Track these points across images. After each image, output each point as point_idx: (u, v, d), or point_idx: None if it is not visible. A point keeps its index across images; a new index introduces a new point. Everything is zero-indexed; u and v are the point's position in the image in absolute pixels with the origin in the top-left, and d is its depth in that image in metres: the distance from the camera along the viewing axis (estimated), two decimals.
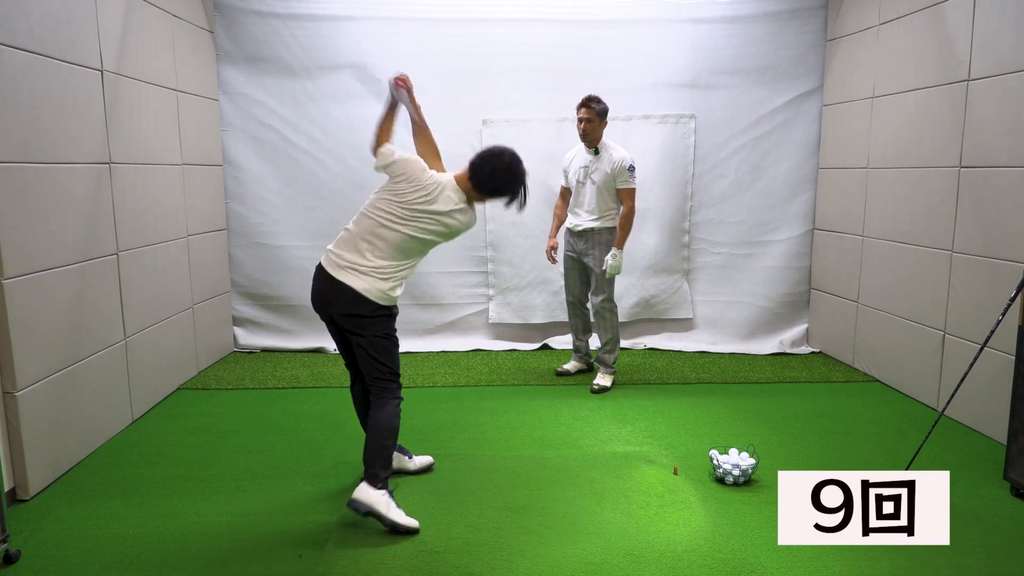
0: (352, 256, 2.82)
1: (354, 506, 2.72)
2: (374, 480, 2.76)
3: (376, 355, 2.86)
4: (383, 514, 2.72)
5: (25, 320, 3.01)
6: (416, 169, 2.85)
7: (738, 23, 5.30)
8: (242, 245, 5.38)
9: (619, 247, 4.32)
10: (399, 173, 2.85)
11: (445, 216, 2.84)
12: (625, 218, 4.31)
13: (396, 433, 2.90)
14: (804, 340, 5.60)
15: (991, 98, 3.73)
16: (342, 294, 2.80)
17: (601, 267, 4.37)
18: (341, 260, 2.83)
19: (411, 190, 2.82)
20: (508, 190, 2.88)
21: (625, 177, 4.28)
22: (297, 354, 5.35)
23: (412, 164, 2.86)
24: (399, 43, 5.22)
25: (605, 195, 4.33)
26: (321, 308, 2.91)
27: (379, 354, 2.86)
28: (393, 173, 2.87)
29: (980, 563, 2.59)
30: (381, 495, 2.74)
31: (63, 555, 2.62)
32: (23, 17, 3.01)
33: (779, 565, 2.57)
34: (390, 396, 2.90)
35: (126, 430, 3.83)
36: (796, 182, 5.47)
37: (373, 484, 2.75)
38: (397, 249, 2.83)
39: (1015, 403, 3.08)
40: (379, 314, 2.83)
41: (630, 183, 4.30)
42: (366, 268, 2.80)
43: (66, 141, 3.31)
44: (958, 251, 3.99)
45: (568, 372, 4.83)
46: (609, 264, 4.31)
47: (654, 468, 3.36)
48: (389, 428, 2.86)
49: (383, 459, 2.81)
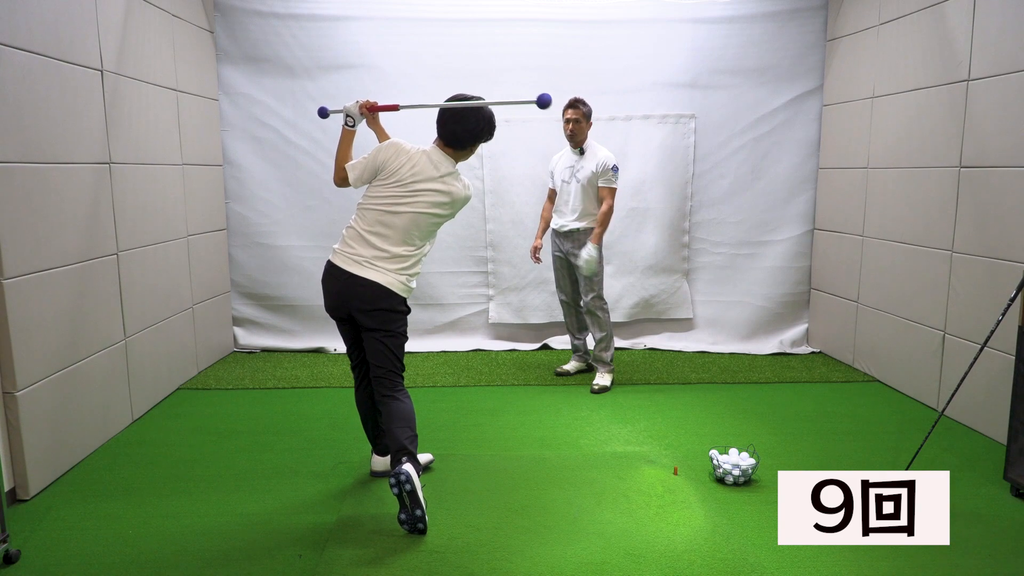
0: (367, 251, 2.83)
1: (400, 476, 2.60)
2: (416, 462, 2.75)
3: (394, 350, 2.89)
4: (421, 498, 2.66)
5: (25, 320, 3.01)
6: (390, 147, 2.87)
7: (738, 23, 5.30)
8: (242, 245, 5.38)
9: (595, 242, 4.34)
10: (379, 164, 2.85)
11: (439, 182, 2.84)
12: (604, 215, 4.35)
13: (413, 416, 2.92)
14: (804, 340, 5.60)
15: (991, 98, 3.73)
16: (365, 290, 2.80)
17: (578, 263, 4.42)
18: (358, 256, 2.82)
19: (399, 165, 2.83)
20: (474, 125, 2.87)
21: (608, 176, 4.33)
22: (297, 354, 5.35)
23: (385, 148, 2.87)
24: (399, 43, 5.22)
25: (590, 194, 4.38)
26: (339, 307, 2.89)
27: (396, 349, 2.90)
28: (375, 171, 2.87)
29: (980, 563, 2.59)
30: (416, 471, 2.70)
31: (63, 555, 2.62)
32: (23, 17, 3.01)
33: (779, 565, 2.57)
34: (397, 387, 2.92)
35: (126, 430, 3.83)
36: (796, 182, 5.47)
37: (416, 466, 2.72)
38: (407, 232, 2.84)
39: (1015, 403, 3.08)
40: (401, 308, 2.88)
41: (612, 183, 4.34)
42: (383, 261, 2.81)
43: (66, 141, 3.31)
44: (958, 251, 3.99)
45: (568, 372, 4.84)
46: (583, 259, 4.33)
47: (654, 468, 3.36)
48: (407, 415, 2.87)
49: (413, 443, 2.81)
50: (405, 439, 2.79)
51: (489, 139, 2.98)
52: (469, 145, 2.93)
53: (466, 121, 2.87)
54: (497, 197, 5.43)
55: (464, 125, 2.87)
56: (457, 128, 2.87)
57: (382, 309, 2.82)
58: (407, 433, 2.81)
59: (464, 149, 2.94)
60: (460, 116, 2.87)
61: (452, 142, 2.90)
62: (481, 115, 2.89)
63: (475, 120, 2.87)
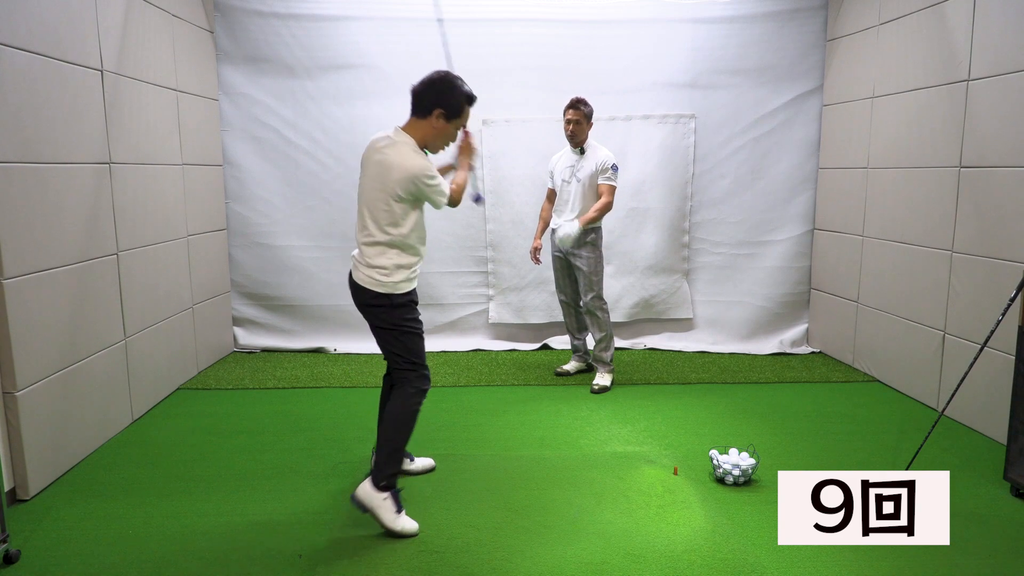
0: (355, 250, 2.89)
1: (354, 502, 2.73)
2: (376, 477, 2.75)
3: (384, 344, 2.88)
4: (379, 517, 2.72)
5: (25, 320, 3.01)
6: None
7: (738, 23, 5.30)
8: (242, 245, 5.38)
9: (583, 224, 4.32)
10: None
11: (377, 152, 2.76)
12: (601, 207, 4.34)
13: (404, 425, 2.84)
14: (804, 340, 5.60)
15: (991, 98, 3.73)
16: (353, 289, 2.88)
17: (588, 268, 4.42)
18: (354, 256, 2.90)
19: None
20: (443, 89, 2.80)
21: (608, 174, 4.35)
22: (297, 354, 5.35)
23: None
24: (399, 43, 5.22)
25: (591, 194, 4.38)
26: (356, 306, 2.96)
27: (386, 343, 2.88)
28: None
29: (980, 563, 2.59)
30: (382, 498, 2.73)
31: (63, 555, 2.62)
32: (23, 17, 3.01)
33: (779, 565, 2.57)
34: (407, 385, 2.87)
35: (126, 430, 3.83)
36: (796, 182, 5.47)
37: (375, 483, 2.74)
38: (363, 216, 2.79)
39: (1015, 403, 3.08)
40: (377, 303, 2.81)
41: (612, 180, 4.36)
42: (358, 258, 2.84)
43: (66, 141, 3.31)
44: (958, 251, 3.99)
45: (568, 372, 4.84)
46: (563, 232, 4.33)
47: (654, 468, 3.36)
48: (395, 418, 2.81)
49: (386, 453, 2.78)
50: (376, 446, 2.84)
51: (426, 98, 2.80)
52: (416, 103, 2.82)
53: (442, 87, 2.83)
54: (497, 197, 5.43)
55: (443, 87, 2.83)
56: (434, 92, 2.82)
57: (362, 303, 2.87)
58: (378, 439, 2.84)
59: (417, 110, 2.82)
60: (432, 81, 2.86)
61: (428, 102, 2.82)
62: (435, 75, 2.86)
63: (427, 78, 2.84)
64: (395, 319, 2.83)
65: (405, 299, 2.84)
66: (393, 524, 2.72)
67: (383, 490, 2.74)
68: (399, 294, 2.81)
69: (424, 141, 2.82)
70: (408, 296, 2.85)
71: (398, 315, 2.83)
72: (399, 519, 2.74)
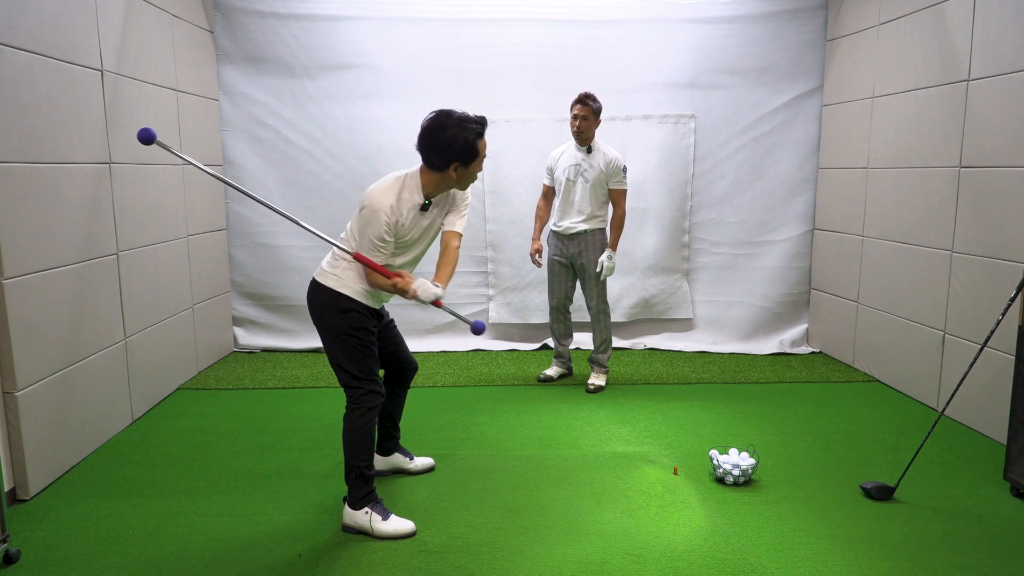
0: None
1: (345, 530, 2.79)
2: (350, 501, 2.78)
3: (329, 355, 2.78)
4: (371, 531, 2.73)
5: (25, 320, 3.01)
6: None
7: (738, 23, 5.30)
8: (242, 245, 5.38)
9: (613, 248, 4.31)
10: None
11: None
12: (620, 219, 4.32)
13: (361, 446, 2.72)
14: (804, 340, 5.60)
15: (991, 98, 3.73)
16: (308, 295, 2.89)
17: (596, 269, 4.35)
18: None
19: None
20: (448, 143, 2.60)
21: (619, 177, 4.26)
22: (297, 354, 5.35)
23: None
24: (399, 43, 5.23)
25: (597, 194, 4.28)
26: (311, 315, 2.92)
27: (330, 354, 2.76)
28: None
29: (980, 563, 2.59)
30: (362, 514, 2.74)
31: (63, 555, 2.61)
32: (23, 17, 3.01)
33: (779, 565, 2.57)
34: (352, 404, 2.74)
35: (126, 430, 3.83)
36: (796, 182, 5.47)
37: (352, 505, 2.77)
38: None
39: (1015, 403, 3.08)
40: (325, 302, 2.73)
41: (623, 184, 4.30)
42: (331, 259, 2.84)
43: (66, 141, 3.31)
44: (958, 251, 3.99)
45: (551, 378, 4.73)
46: (604, 266, 4.29)
47: (654, 468, 3.36)
48: (349, 442, 2.73)
49: (352, 477, 2.75)
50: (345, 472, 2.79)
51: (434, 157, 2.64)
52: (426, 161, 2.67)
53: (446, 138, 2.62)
54: (497, 197, 5.43)
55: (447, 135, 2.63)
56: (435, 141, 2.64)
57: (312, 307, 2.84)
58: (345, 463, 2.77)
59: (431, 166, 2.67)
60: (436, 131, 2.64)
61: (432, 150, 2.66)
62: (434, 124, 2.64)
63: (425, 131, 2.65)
64: (341, 325, 2.69)
65: (358, 306, 2.71)
66: (385, 531, 2.72)
67: (361, 507, 2.75)
68: (352, 298, 2.70)
69: (441, 186, 2.72)
70: (363, 305, 2.72)
71: (345, 321, 2.69)
72: (389, 523, 2.73)
